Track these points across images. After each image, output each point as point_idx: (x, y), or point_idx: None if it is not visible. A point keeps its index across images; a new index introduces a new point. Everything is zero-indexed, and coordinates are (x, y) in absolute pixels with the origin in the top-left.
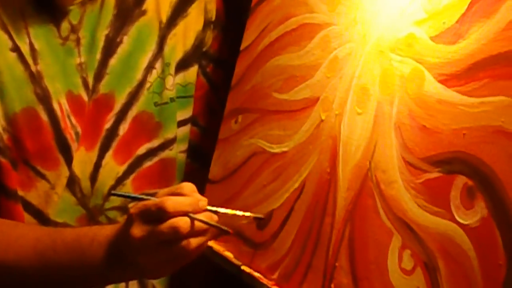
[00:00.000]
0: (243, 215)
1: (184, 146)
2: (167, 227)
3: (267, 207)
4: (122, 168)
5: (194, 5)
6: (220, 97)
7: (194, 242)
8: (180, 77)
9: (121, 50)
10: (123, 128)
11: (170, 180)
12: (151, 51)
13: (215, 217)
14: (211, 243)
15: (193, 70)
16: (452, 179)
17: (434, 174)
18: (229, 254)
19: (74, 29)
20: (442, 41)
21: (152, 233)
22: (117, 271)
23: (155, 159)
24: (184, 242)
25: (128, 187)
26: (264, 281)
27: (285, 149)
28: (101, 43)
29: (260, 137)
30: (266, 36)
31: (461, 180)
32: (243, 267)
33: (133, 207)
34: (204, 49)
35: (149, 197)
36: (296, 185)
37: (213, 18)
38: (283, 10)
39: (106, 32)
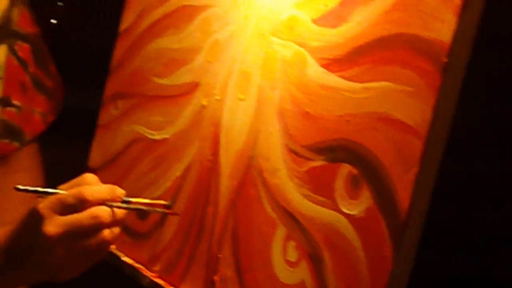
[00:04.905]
0: (157, 204)
1: None
2: (88, 217)
3: (148, 195)
4: None
5: None
6: (29, 72)
7: (116, 231)
8: None
9: None
10: None
11: None
12: None
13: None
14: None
15: (1, 51)
16: (337, 168)
17: (318, 162)
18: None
19: None
20: (324, 24)
21: (71, 226)
22: (15, 279)
23: None
24: (106, 232)
25: None
26: (146, 273)
27: (166, 135)
28: None
29: (141, 123)
30: (145, 18)
31: (345, 169)
32: (124, 258)
33: (40, 202)
34: (12, 28)
35: (59, 191)
36: (178, 173)
37: None
38: None
39: None
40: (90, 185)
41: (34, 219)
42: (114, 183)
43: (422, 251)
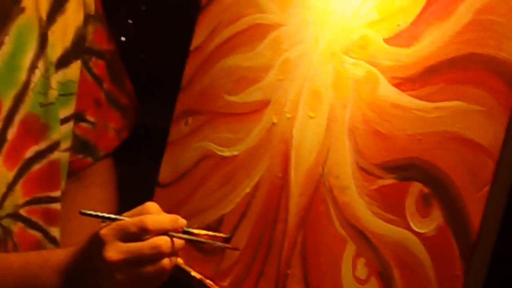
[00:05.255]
0: (215, 236)
1: (66, 145)
2: (149, 246)
3: (217, 212)
4: (12, 174)
5: (71, 0)
6: (104, 89)
7: (174, 260)
8: (60, 75)
9: (2, 52)
10: (12, 133)
11: (57, 181)
12: (33, 50)
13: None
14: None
15: (75, 67)
16: (408, 186)
17: (389, 181)
18: (179, 260)
19: None
20: (396, 44)
21: (132, 254)
22: None
23: (44, 161)
24: (165, 261)
25: (17, 192)
26: None
27: (235, 152)
28: None
29: (210, 140)
30: (217, 36)
31: (416, 187)
32: (193, 273)
33: (103, 227)
34: (86, 44)
35: (122, 217)
36: (248, 189)
37: (93, 12)
38: (233, 9)
39: None
40: (152, 214)
41: (96, 243)
42: (183, 199)
43: (492, 270)
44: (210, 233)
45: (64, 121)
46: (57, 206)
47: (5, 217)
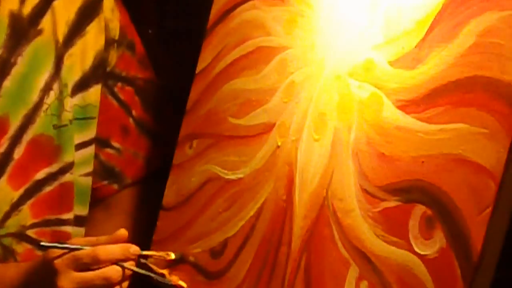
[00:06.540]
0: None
1: (86, 169)
2: (100, 277)
3: (221, 235)
4: (17, 193)
5: (92, 24)
6: (133, 116)
7: (125, 285)
8: (79, 98)
9: (15, 72)
10: (18, 152)
11: (68, 204)
12: (48, 71)
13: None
14: (164, 271)
15: (94, 91)
16: (411, 208)
17: (393, 203)
18: (182, 284)
19: None
20: (400, 66)
21: (85, 284)
22: None
23: (55, 183)
24: None
25: (25, 213)
26: None
27: (240, 175)
28: None
29: (215, 163)
30: (222, 59)
31: (419, 210)
32: None
33: (59, 257)
34: (108, 69)
35: (79, 247)
36: (252, 212)
37: (117, 37)
38: (239, 32)
39: None
40: (105, 244)
41: (50, 271)
42: (187, 223)
43: None
44: (161, 253)
45: (83, 145)
46: (67, 229)
47: (6, 236)
